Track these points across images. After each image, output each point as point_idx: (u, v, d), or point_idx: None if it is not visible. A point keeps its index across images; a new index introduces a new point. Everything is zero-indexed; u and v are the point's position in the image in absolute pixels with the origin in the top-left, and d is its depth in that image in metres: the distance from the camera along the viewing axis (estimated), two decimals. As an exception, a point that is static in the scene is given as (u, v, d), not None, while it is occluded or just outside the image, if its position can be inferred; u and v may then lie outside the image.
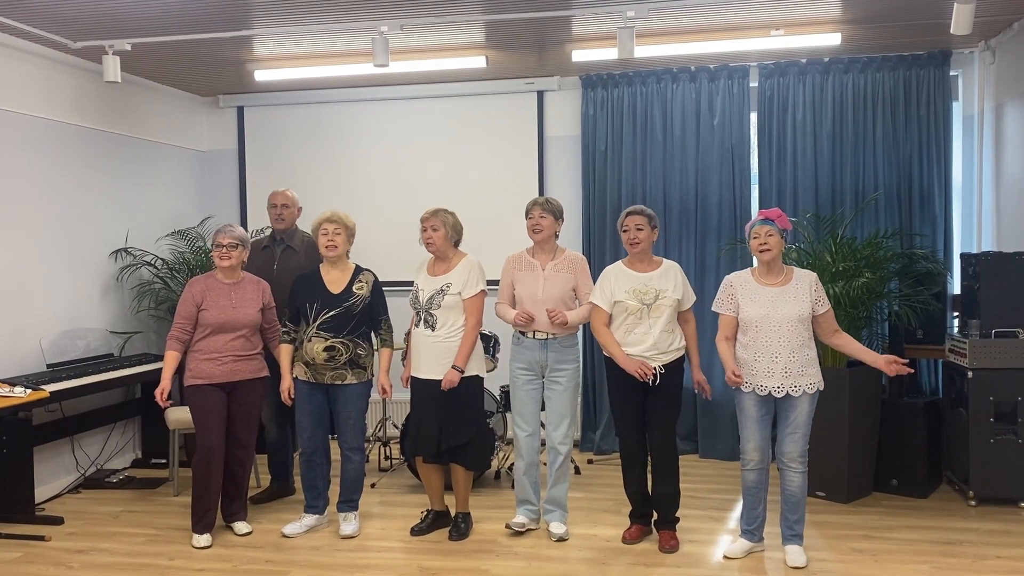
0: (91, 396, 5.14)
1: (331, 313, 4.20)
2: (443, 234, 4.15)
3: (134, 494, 5.13)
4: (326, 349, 4.18)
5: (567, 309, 4.13)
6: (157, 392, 4.13)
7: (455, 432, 4.13)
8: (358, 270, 4.34)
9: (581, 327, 4.30)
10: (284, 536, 4.31)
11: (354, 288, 4.26)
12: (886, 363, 3.72)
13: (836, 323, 3.87)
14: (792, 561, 3.80)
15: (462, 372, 4.09)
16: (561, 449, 4.17)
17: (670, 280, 4.01)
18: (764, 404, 3.80)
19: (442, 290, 4.12)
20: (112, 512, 4.79)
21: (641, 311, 3.96)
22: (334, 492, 4.50)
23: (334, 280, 4.27)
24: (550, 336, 4.13)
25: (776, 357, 3.72)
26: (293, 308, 4.30)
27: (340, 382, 4.23)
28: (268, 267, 4.83)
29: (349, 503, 4.37)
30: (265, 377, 4.39)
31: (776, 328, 3.73)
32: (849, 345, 3.86)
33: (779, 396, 3.74)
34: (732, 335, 3.89)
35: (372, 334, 4.35)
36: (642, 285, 4.00)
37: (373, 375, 4.33)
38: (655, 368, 3.93)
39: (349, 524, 4.32)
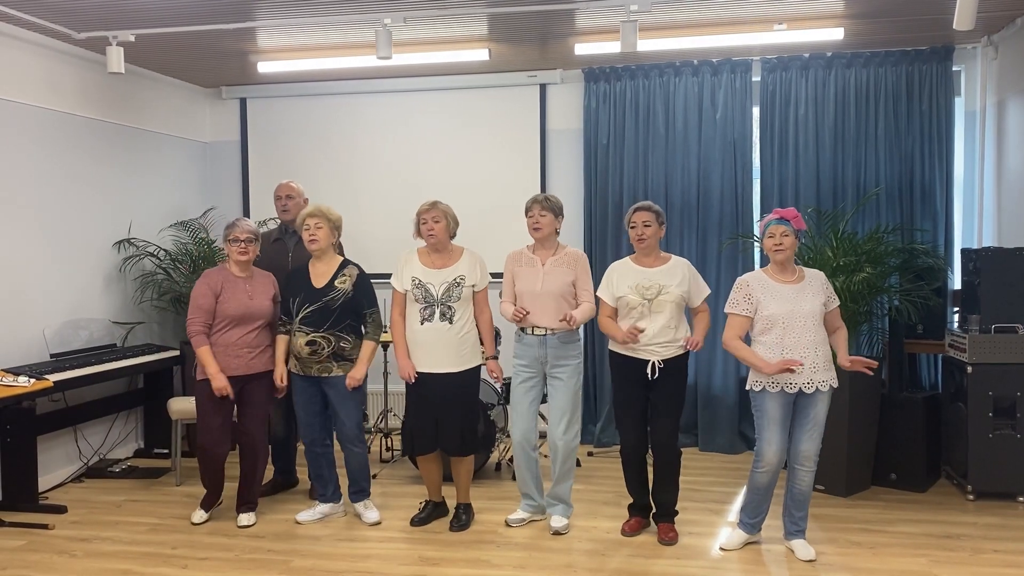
0: (94, 386, 5.16)
1: (311, 308, 4.21)
2: (444, 225, 4.16)
3: (136, 483, 5.16)
4: (308, 343, 4.20)
5: (566, 304, 4.12)
6: (220, 388, 4.12)
7: (474, 422, 4.22)
8: (344, 264, 4.31)
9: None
10: (297, 522, 4.37)
11: (336, 283, 4.24)
12: (850, 362, 3.77)
13: (840, 320, 3.89)
14: (802, 555, 3.82)
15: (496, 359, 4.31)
16: (559, 444, 4.16)
17: (675, 276, 4.00)
18: (787, 406, 3.74)
19: (457, 282, 4.13)
20: (115, 501, 4.82)
21: (643, 306, 3.97)
22: (344, 481, 4.53)
23: (319, 274, 4.28)
24: (548, 332, 4.14)
25: (804, 353, 3.68)
26: (285, 301, 4.33)
27: (326, 375, 4.24)
28: (282, 259, 4.79)
29: (360, 492, 4.43)
30: (272, 370, 4.41)
31: (802, 324, 3.70)
32: (839, 338, 3.88)
33: (809, 392, 3.70)
34: (743, 336, 3.82)
35: (361, 326, 4.34)
36: (646, 280, 4.00)
37: None
38: (654, 361, 3.94)
39: (371, 512, 4.39)
